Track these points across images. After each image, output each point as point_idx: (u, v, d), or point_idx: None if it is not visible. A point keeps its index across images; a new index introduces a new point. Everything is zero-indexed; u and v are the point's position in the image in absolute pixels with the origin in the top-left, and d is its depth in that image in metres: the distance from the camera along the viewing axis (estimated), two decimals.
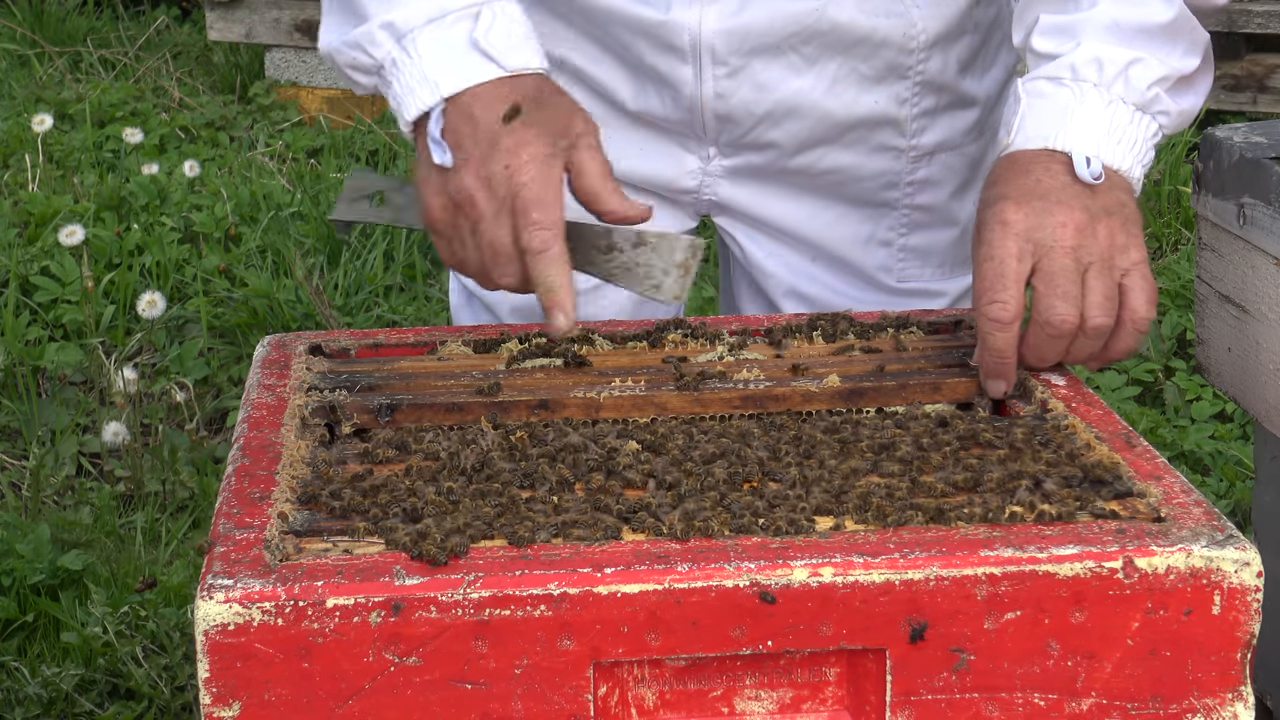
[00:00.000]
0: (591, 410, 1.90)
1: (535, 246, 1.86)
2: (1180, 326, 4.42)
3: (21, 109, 6.40)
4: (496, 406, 1.89)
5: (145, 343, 4.69)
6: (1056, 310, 1.88)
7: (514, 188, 1.86)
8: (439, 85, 1.92)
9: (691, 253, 1.90)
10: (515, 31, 1.97)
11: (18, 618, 3.43)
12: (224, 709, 1.51)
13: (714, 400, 1.91)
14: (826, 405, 1.91)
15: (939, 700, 1.57)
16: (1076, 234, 1.90)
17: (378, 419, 1.89)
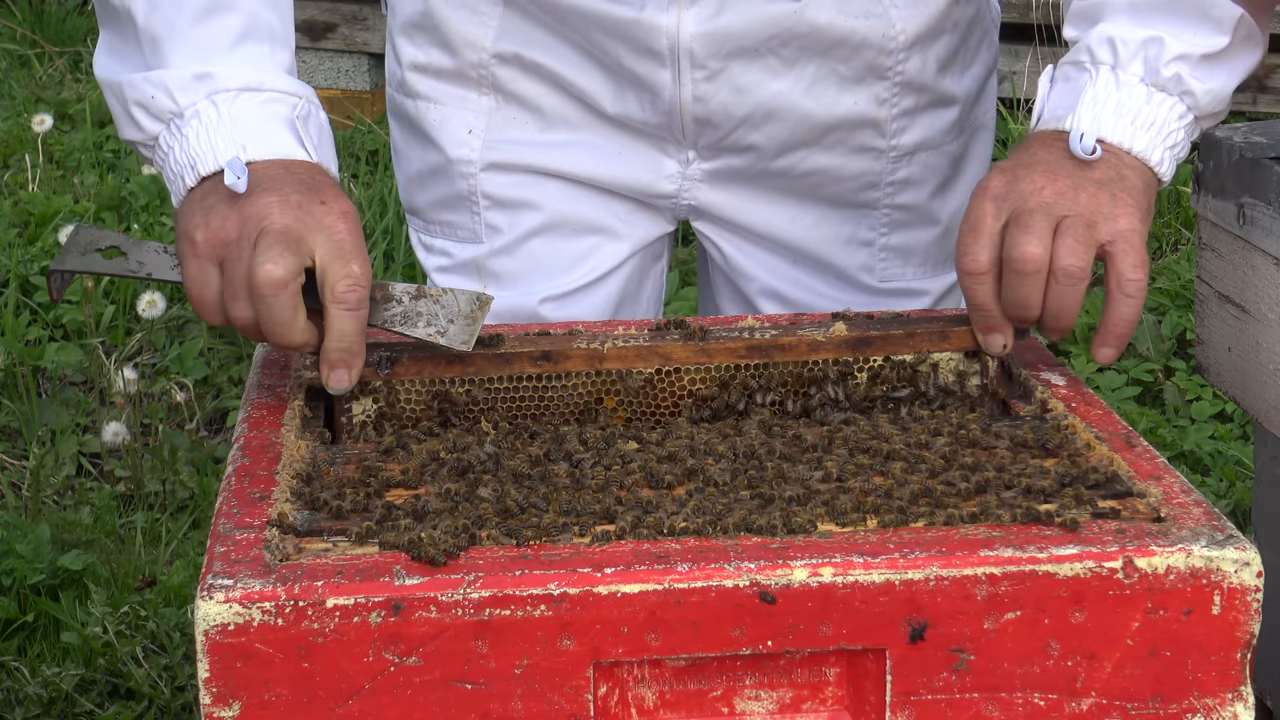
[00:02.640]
0: (595, 361, 1.89)
1: (351, 301, 1.79)
2: (1180, 326, 4.42)
3: (21, 109, 6.40)
4: (498, 358, 1.88)
5: (145, 343, 4.69)
6: (1020, 245, 1.86)
7: (329, 224, 1.80)
8: (246, 149, 1.86)
9: (478, 305, 1.87)
10: (325, 133, 1.97)
11: (18, 618, 3.43)
12: (224, 709, 1.51)
13: (719, 350, 1.90)
14: (833, 354, 1.89)
15: (939, 700, 1.57)
16: (1055, 195, 1.89)
17: (378, 371, 1.87)
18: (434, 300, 1.88)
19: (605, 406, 1.92)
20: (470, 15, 2.23)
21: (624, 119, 2.24)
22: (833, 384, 1.90)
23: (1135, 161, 1.95)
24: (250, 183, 1.83)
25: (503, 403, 1.91)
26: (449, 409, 1.90)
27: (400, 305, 1.88)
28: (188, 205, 1.87)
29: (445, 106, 2.29)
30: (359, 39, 6.58)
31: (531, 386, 1.90)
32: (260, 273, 1.78)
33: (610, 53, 2.18)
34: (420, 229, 2.40)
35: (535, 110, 2.26)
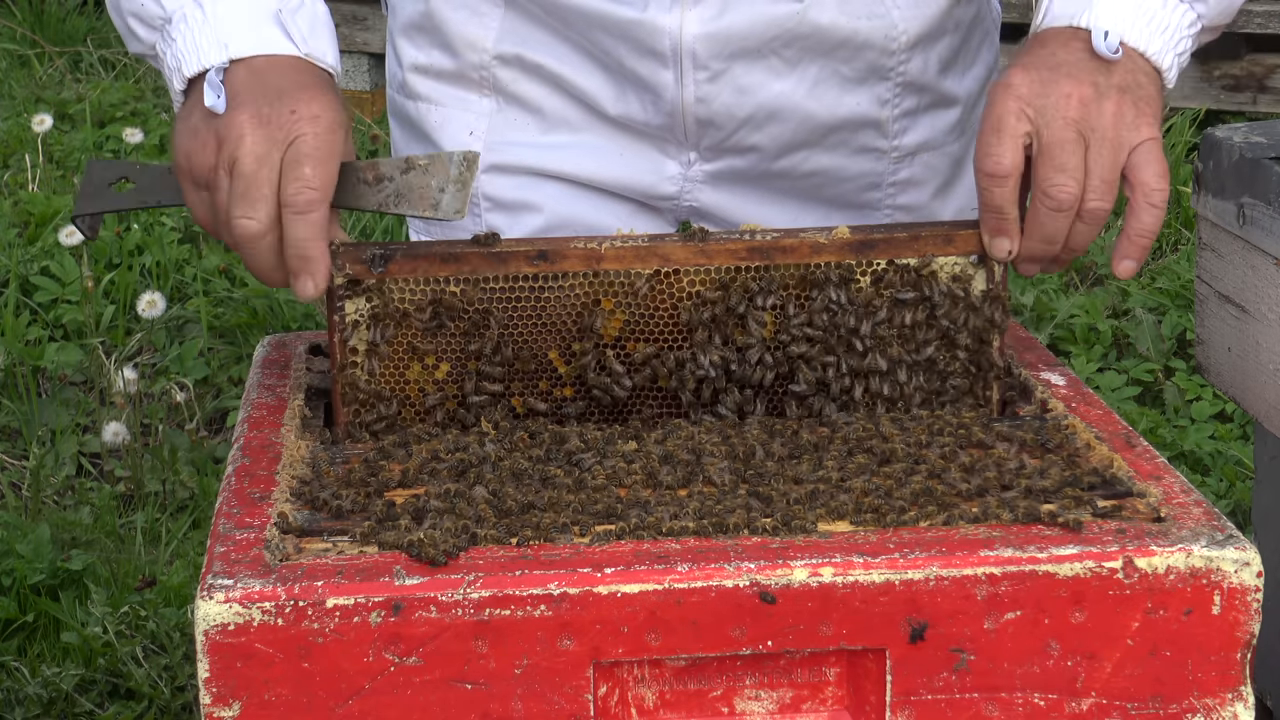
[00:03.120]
0: (593, 261, 1.87)
1: (299, 205, 1.80)
2: (1180, 326, 4.42)
3: (21, 109, 6.40)
4: (494, 257, 1.87)
5: (145, 343, 4.69)
6: (1054, 181, 1.86)
7: (293, 133, 1.80)
8: (229, 46, 1.86)
9: (466, 165, 1.83)
10: (320, 22, 1.95)
11: (18, 618, 3.43)
12: (224, 709, 1.51)
13: (719, 251, 1.88)
14: (835, 257, 1.88)
15: (939, 700, 1.57)
16: (1081, 106, 1.87)
17: (370, 269, 1.86)
18: (423, 171, 1.85)
19: (603, 309, 1.89)
20: (471, 16, 2.23)
21: (625, 120, 2.23)
22: (835, 287, 1.89)
23: (1148, 66, 1.93)
24: (229, 94, 1.83)
25: (498, 304, 1.87)
26: (444, 312, 1.87)
27: (392, 184, 1.86)
28: (179, 122, 1.88)
29: (446, 108, 2.29)
30: (359, 39, 6.57)
31: (528, 287, 1.88)
32: (236, 227, 1.80)
33: (612, 54, 2.18)
34: (421, 230, 2.40)
35: (536, 112, 2.26)
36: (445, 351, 1.88)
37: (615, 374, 1.88)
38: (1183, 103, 5.82)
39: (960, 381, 1.92)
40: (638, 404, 1.90)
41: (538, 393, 1.88)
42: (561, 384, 1.89)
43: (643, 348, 1.89)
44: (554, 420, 1.89)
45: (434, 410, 1.88)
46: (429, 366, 1.88)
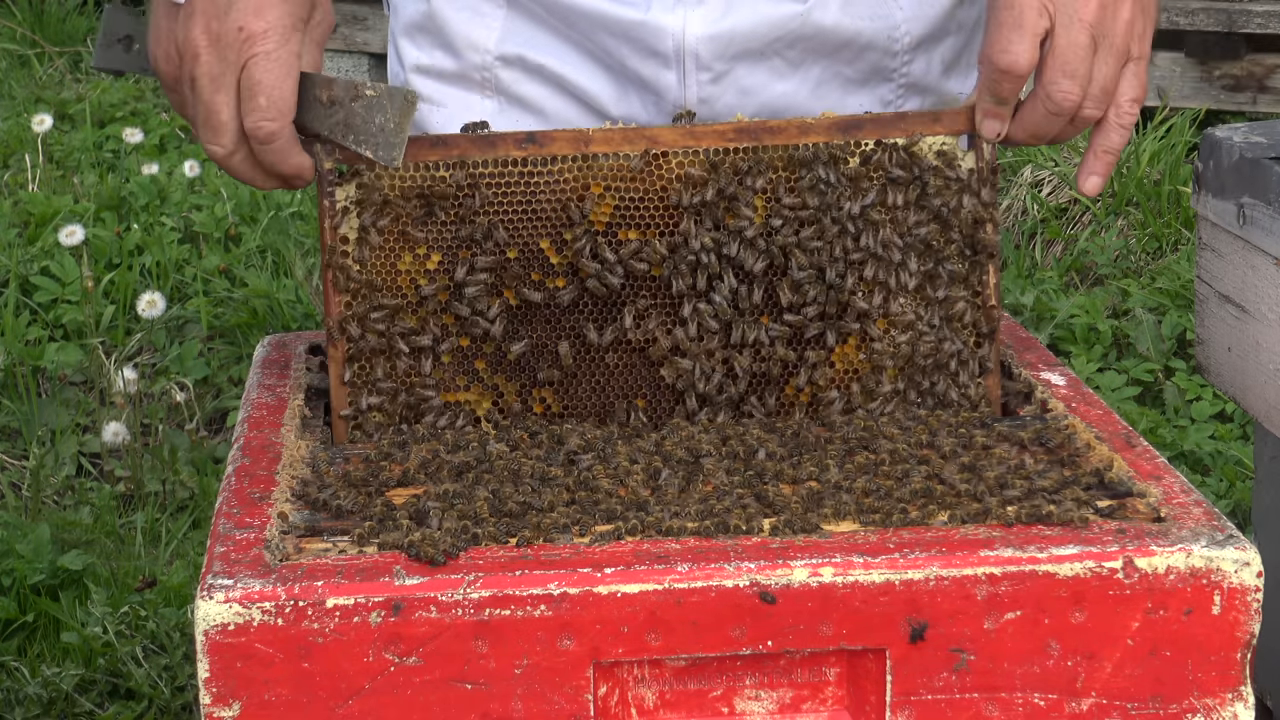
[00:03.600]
0: (581, 144, 1.87)
1: (260, 137, 1.81)
2: (1180, 326, 4.42)
3: (21, 109, 6.40)
4: (484, 142, 1.87)
5: (145, 343, 4.69)
6: (1061, 86, 1.86)
7: (244, 54, 1.80)
8: None
9: (404, 107, 1.82)
10: None
11: (18, 618, 3.43)
12: (224, 709, 1.51)
13: (707, 133, 1.88)
14: (824, 137, 1.88)
15: (939, 700, 1.57)
16: (1099, 9, 1.86)
17: None
18: (367, 104, 1.84)
19: (592, 193, 1.88)
20: (473, 17, 2.22)
21: (628, 121, 2.23)
22: (824, 165, 1.89)
23: None
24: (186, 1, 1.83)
25: (488, 187, 1.87)
26: (434, 199, 1.87)
27: (341, 110, 1.85)
28: (150, 15, 1.88)
29: (448, 109, 2.29)
30: (359, 39, 6.57)
31: (518, 172, 1.87)
32: (207, 150, 1.83)
33: (614, 54, 2.18)
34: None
35: (538, 113, 2.26)
36: (436, 241, 1.87)
37: (608, 262, 1.88)
38: (1183, 103, 5.83)
39: (956, 267, 1.92)
40: (631, 294, 1.89)
41: (531, 283, 1.88)
42: (554, 274, 1.88)
43: (634, 235, 1.89)
44: (549, 314, 1.88)
45: (426, 301, 1.87)
46: (420, 256, 1.87)
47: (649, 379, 1.89)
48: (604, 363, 1.88)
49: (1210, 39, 5.87)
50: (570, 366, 1.88)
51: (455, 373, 1.88)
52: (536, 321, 1.88)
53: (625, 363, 1.89)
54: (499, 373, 1.89)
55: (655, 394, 1.89)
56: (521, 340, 1.87)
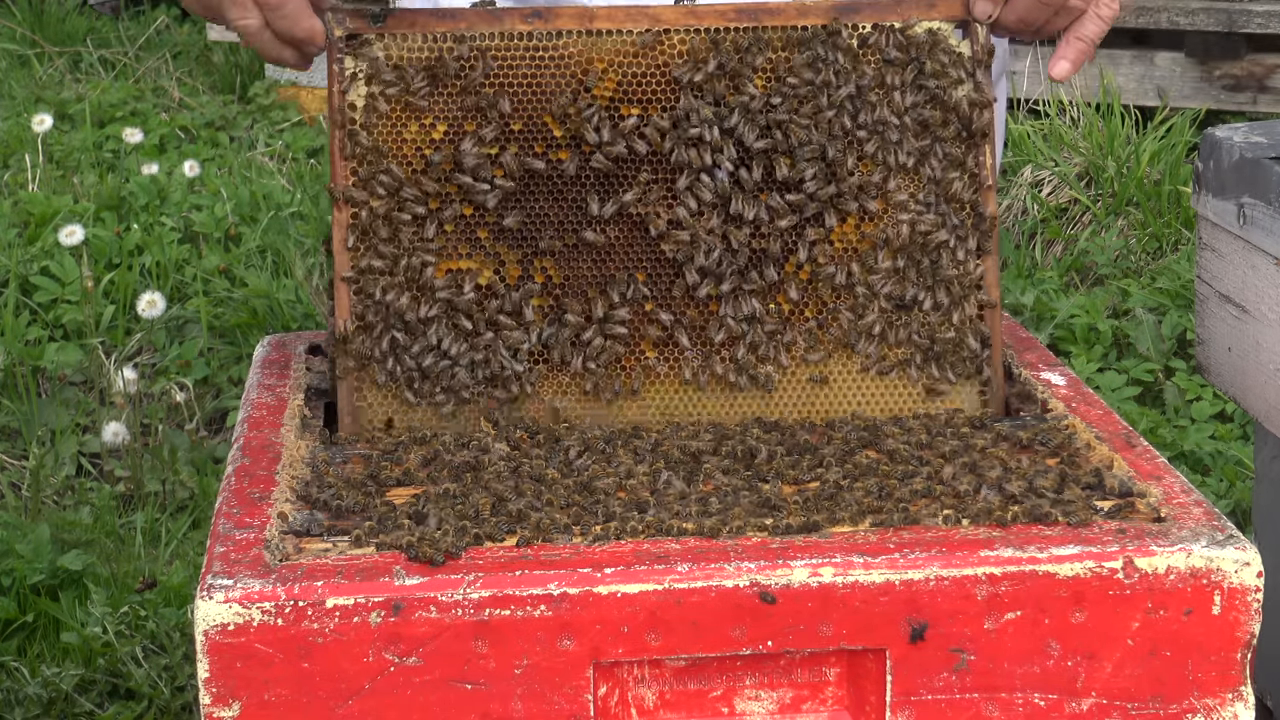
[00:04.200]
0: (585, 20, 1.91)
1: (270, 4, 1.84)
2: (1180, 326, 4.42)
3: (21, 109, 6.40)
4: (490, 15, 1.90)
5: (145, 343, 4.69)
6: None
7: None
8: None
9: None
10: None
11: (18, 618, 3.43)
12: (224, 709, 1.51)
13: (708, 13, 1.92)
14: (821, 20, 1.92)
15: (939, 700, 1.57)
16: None
17: (370, 25, 1.89)
18: None
19: (595, 69, 1.90)
20: None
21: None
22: (822, 44, 1.92)
23: None
24: None
25: (494, 60, 1.90)
26: (440, 70, 1.90)
27: None
28: None
29: None
30: None
31: (523, 46, 1.90)
32: (237, 27, 1.86)
33: None
34: None
35: None
36: (442, 112, 1.90)
37: (610, 135, 1.90)
38: (1183, 103, 5.82)
39: (953, 150, 1.94)
40: (633, 169, 1.91)
41: (533, 154, 1.90)
42: (557, 147, 1.91)
43: (635, 111, 1.91)
44: (551, 186, 1.90)
45: (432, 168, 1.89)
46: (426, 126, 1.90)
47: (649, 253, 1.91)
48: (605, 236, 1.90)
49: (1210, 39, 5.86)
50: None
51: (457, 241, 1.90)
52: (539, 193, 1.90)
53: (626, 237, 1.91)
54: (501, 241, 1.90)
55: (655, 267, 1.91)
56: (522, 210, 1.90)
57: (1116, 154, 5.27)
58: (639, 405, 1.91)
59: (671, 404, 1.91)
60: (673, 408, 1.91)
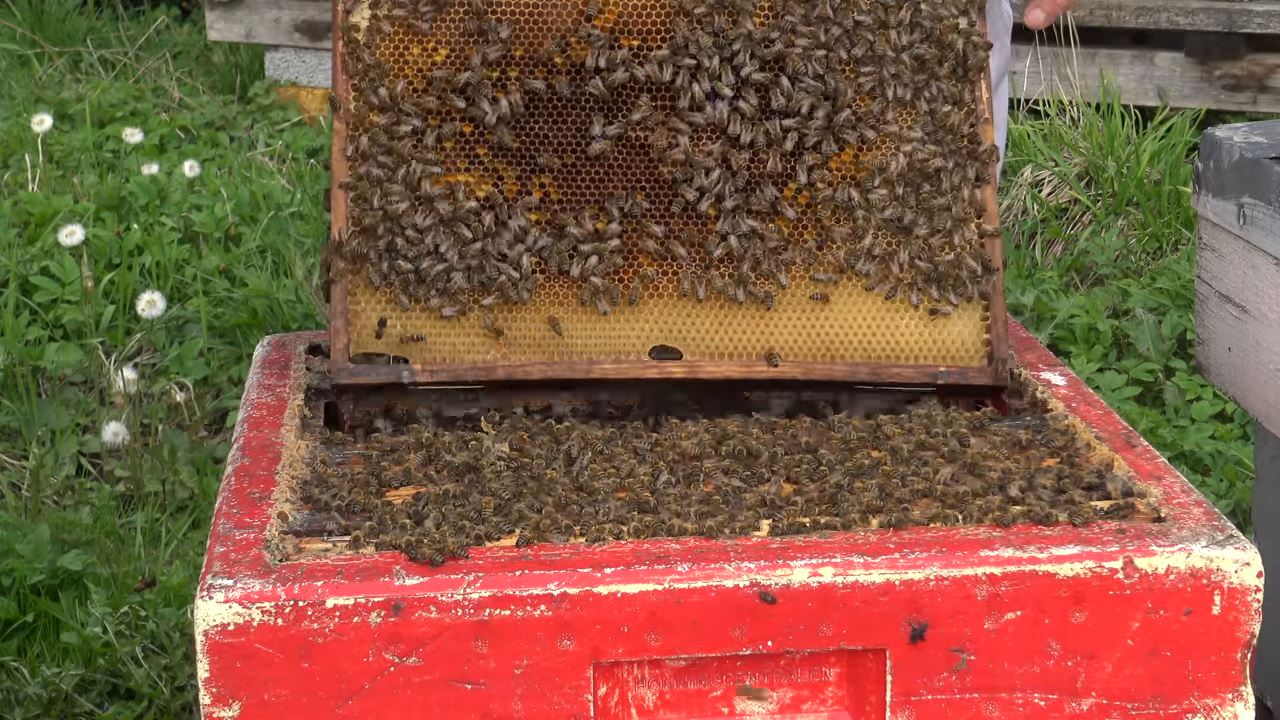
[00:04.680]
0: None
1: None
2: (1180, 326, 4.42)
3: (21, 109, 6.40)
4: None
5: (145, 343, 4.69)
6: None
7: None
8: None
9: None
10: None
11: (18, 618, 3.43)
12: (224, 709, 1.51)
13: None
14: None
15: (939, 700, 1.56)
16: None
17: None
18: None
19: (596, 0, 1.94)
20: None
21: None
22: None
23: None
24: None
25: None
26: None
27: None
28: None
29: None
30: None
31: None
32: None
33: None
34: None
35: None
36: (445, 36, 1.92)
37: (610, 62, 1.91)
38: (1183, 103, 5.82)
39: (949, 86, 1.96)
40: (632, 96, 1.92)
41: (535, 76, 1.92)
42: (558, 72, 1.92)
43: (635, 41, 1.92)
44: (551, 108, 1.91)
45: (433, 85, 1.91)
46: (428, 49, 1.92)
47: (649, 176, 1.92)
48: (605, 157, 1.92)
49: (1210, 39, 5.86)
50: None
51: (456, 156, 1.92)
52: (539, 115, 1.92)
53: (625, 160, 1.92)
54: (500, 158, 1.92)
55: (655, 189, 1.92)
56: (521, 130, 1.91)
57: (1116, 154, 5.27)
58: (637, 319, 1.91)
59: (669, 319, 1.91)
60: (670, 323, 1.91)
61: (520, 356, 1.90)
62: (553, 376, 1.90)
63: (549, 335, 1.90)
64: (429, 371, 1.90)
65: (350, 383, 1.88)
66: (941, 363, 1.93)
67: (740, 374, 1.91)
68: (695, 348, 1.91)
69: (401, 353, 1.90)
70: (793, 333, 1.92)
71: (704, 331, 1.91)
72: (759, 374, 1.91)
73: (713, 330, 1.91)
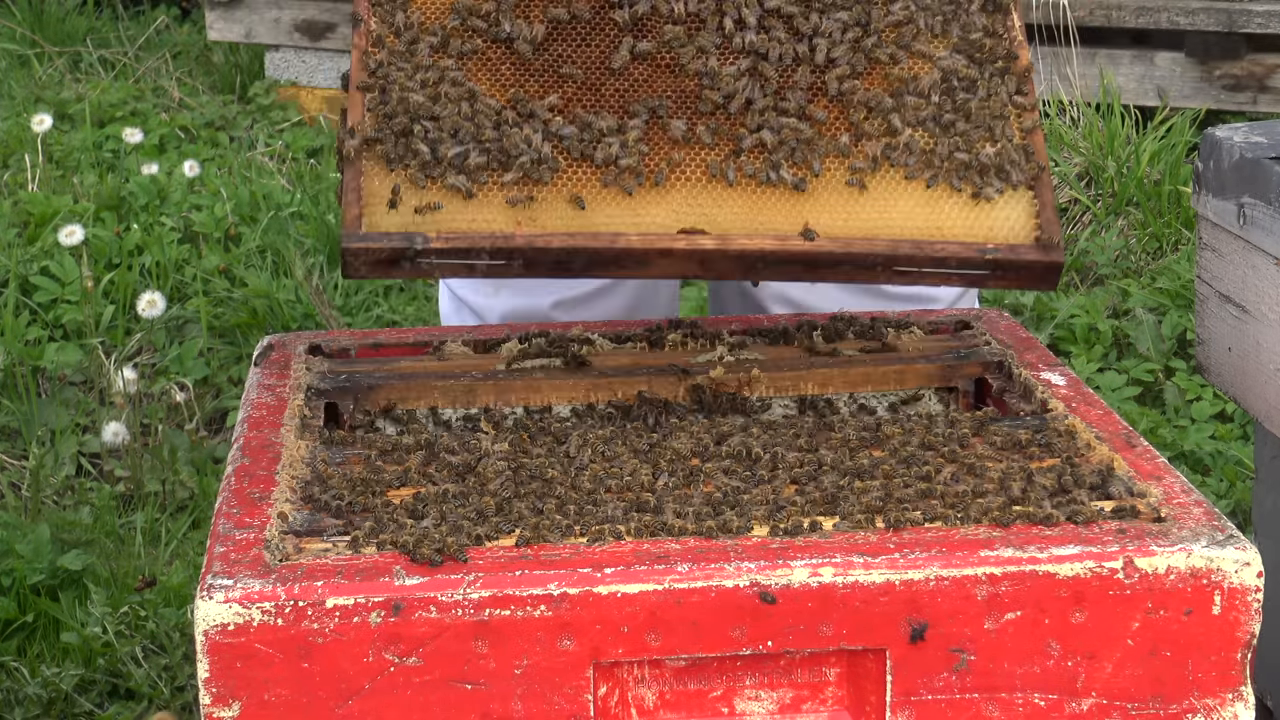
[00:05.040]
0: None
1: None
2: (1180, 326, 4.42)
3: (21, 109, 6.40)
4: None
5: (145, 343, 4.69)
6: None
7: None
8: None
9: None
10: None
11: (18, 618, 3.43)
12: (224, 709, 1.51)
13: None
14: None
15: (939, 700, 1.56)
16: None
17: None
18: None
19: None
20: None
21: None
22: None
23: None
24: None
25: None
26: None
27: None
28: None
29: None
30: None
31: None
32: None
33: None
34: None
35: None
36: None
37: None
38: (1183, 103, 5.82)
39: (981, 19, 1.96)
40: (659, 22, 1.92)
41: (558, 5, 1.91)
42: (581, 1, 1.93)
43: None
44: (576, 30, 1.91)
45: (456, 10, 1.91)
46: None
47: (675, 89, 1.90)
48: (629, 73, 1.91)
49: (1210, 39, 5.86)
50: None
51: (478, 71, 1.90)
52: (563, 39, 1.90)
53: (651, 75, 1.91)
54: (522, 73, 1.90)
55: (680, 100, 1.90)
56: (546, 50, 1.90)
57: (1116, 154, 5.27)
58: (663, 200, 1.85)
59: (698, 201, 1.85)
60: (699, 205, 1.85)
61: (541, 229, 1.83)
62: (574, 246, 1.81)
63: (572, 213, 1.83)
64: (443, 239, 1.81)
65: (360, 247, 1.79)
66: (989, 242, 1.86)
67: (774, 247, 1.82)
68: (725, 230, 1.84)
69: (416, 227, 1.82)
70: (829, 216, 1.86)
71: (734, 214, 1.85)
72: (794, 248, 1.82)
73: (744, 213, 1.85)
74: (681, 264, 1.83)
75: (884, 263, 1.84)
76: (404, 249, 1.79)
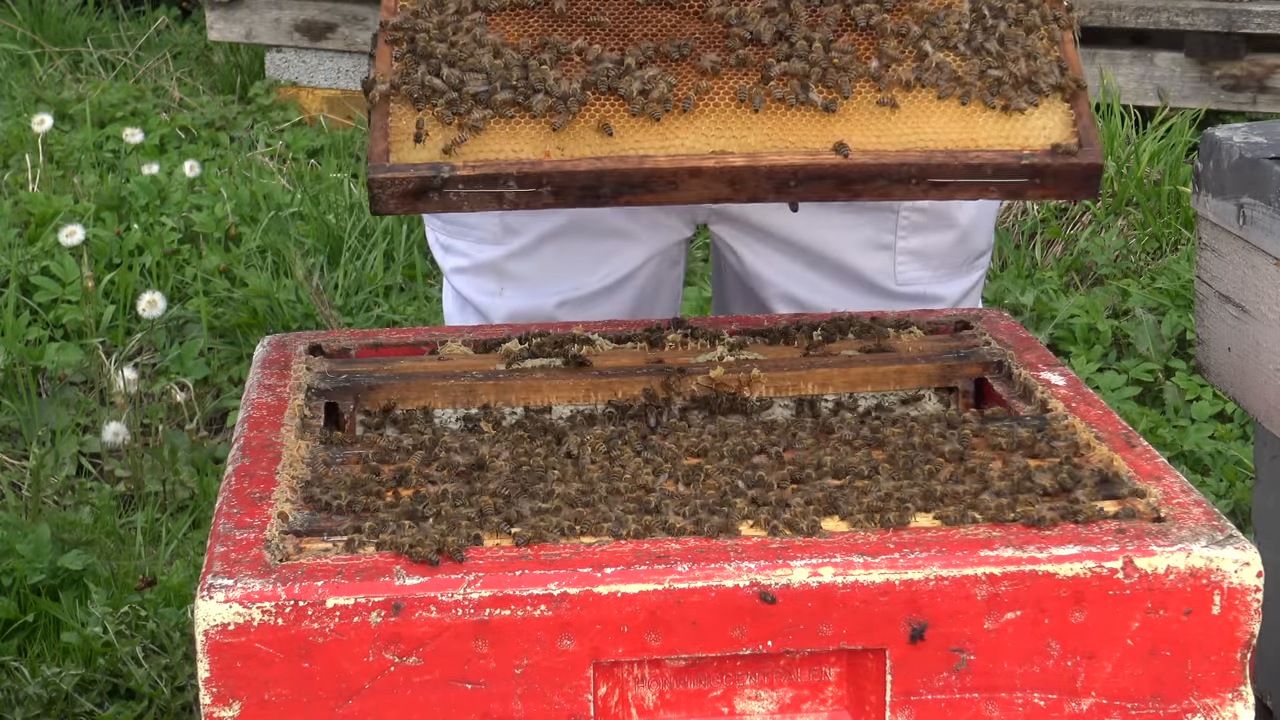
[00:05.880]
0: None
1: None
2: (1180, 326, 4.42)
3: (21, 109, 6.40)
4: None
5: (145, 343, 4.69)
6: None
7: None
8: None
9: None
10: None
11: (18, 618, 3.43)
12: (224, 709, 1.51)
13: None
14: None
15: (939, 700, 1.57)
16: None
17: None
18: None
19: None
20: None
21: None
22: None
23: None
24: None
25: None
26: None
27: None
28: None
29: None
30: (359, 39, 6.57)
31: None
32: None
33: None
34: (438, 229, 2.39)
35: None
36: None
37: None
38: (1183, 103, 5.83)
39: None
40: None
41: None
42: None
43: None
44: None
45: None
46: None
47: (703, 34, 1.90)
48: (658, 19, 1.91)
49: (1210, 39, 5.87)
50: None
51: (507, 24, 1.91)
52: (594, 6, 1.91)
53: (678, 22, 1.91)
54: (552, 24, 1.90)
55: (707, 39, 1.90)
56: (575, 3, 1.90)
57: (1116, 154, 5.27)
58: (692, 124, 1.85)
59: (727, 125, 1.85)
60: (728, 129, 1.85)
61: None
62: (602, 169, 1.81)
63: (600, 139, 1.83)
64: (470, 166, 1.81)
65: (386, 178, 1.79)
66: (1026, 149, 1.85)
67: (806, 161, 1.82)
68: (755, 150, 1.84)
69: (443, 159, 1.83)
70: (861, 134, 1.85)
71: (764, 134, 1.85)
72: (826, 162, 1.82)
73: (774, 133, 1.85)
74: (712, 184, 1.83)
75: (918, 174, 1.83)
76: (431, 178, 1.80)
